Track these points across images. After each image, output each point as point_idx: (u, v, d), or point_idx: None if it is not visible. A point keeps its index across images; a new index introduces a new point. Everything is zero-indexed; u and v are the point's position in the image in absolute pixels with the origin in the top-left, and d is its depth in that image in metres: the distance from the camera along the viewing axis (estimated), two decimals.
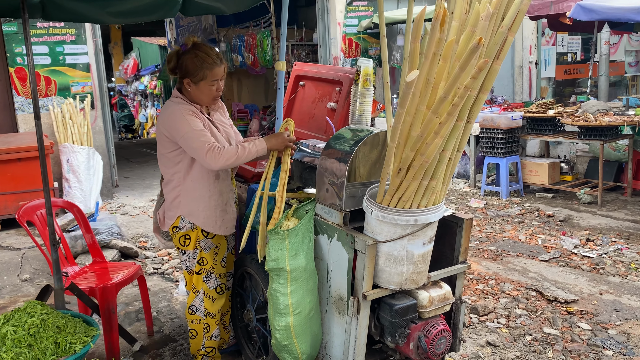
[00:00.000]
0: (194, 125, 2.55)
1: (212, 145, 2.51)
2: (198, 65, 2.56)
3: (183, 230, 2.74)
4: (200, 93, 2.63)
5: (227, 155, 2.52)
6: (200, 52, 2.58)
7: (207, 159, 2.51)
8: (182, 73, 2.62)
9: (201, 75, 2.58)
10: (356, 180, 2.49)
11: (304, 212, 2.63)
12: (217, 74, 2.61)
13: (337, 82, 3.54)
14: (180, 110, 2.58)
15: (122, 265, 3.48)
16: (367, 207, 2.31)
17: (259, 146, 2.60)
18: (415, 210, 2.25)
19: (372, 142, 2.50)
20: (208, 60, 2.58)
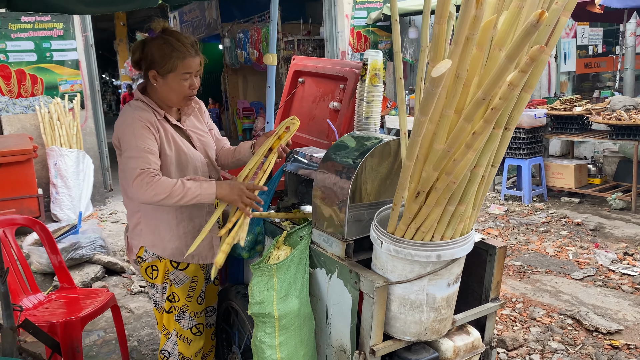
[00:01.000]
0: (140, 142, 2.04)
1: (146, 171, 1.98)
2: (167, 53, 2.06)
3: (148, 261, 2.26)
4: (169, 89, 2.13)
5: (158, 189, 1.96)
6: (171, 38, 2.09)
7: (134, 186, 1.97)
8: (147, 64, 2.13)
9: (170, 65, 2.07)
10: (362, 201, 1.99)
11: (297, 239, 2.13)
12: (191, 65, 2.12)
13: (341, 78, 3.04)
14: (133, 119, 2.09)
15: (93, 293, 3.01)
16: (376, 238, 1.81)
17: (204, 190, 2.01)
18: (438, 243, 1.75)
19: (381, 154, 1.99)
20: (180, 48, 2.07)
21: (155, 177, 1.99)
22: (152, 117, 2.13)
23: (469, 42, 1.35)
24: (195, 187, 2.01)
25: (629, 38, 9.75)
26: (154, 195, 1.96)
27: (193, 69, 2.13)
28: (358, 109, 2.69)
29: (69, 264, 4.35)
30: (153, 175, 1.99)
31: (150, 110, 2.15)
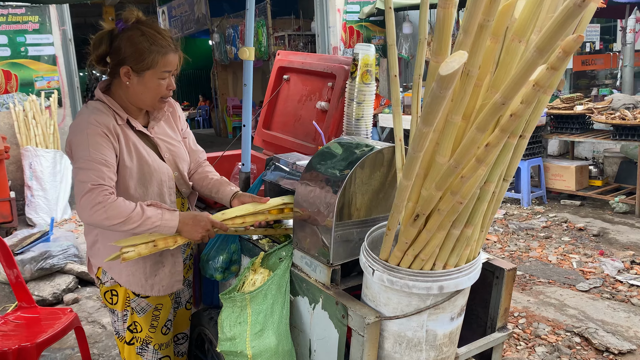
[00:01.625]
0: (93, 152, 1.73)
1: (98, 188, 1.68)
2: (145, 47, 1.77)
3: (106, 284, 1.97)
4: (144, 89, 1.83)
5: (111, 213, 1.67)
6: (150, 30, 1.80)
7: (82, 204, 1.68)
8: (117, 59, 1.81)
9: (149, 61, 1.78)
10: (351, 218, 1.71)
11: (276, 260, 1.85)
12: (172, 62, 1.83)
13: (329, 75, 2.75)
14: (87, 123, 1.78)
15: (54, 314, 2.71)
16: (367, 265, 1.53)
17: (165, 222, 1.74)
18: (440, 272, 1.47)
19: (373, 163, 1.71)
20: (160, 42, 1.79)
21: (109, 196, 1.69)
22: (110, 122, 1.82)
23: (482, 30, 1.07)
24: (156, 216, 1.73)
25: (628, 34, 9.53)
26: (105, 218, 1.67)
27: (173, 66, 1.84)
28: (347, 109, 2.41)
29: (38, 275, 4.05)
30: (107, 194, 1.69)
31: (110, 114, 1.84)
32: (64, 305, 3.89)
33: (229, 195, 2.02)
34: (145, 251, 1.75)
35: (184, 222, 1.78)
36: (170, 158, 1.97)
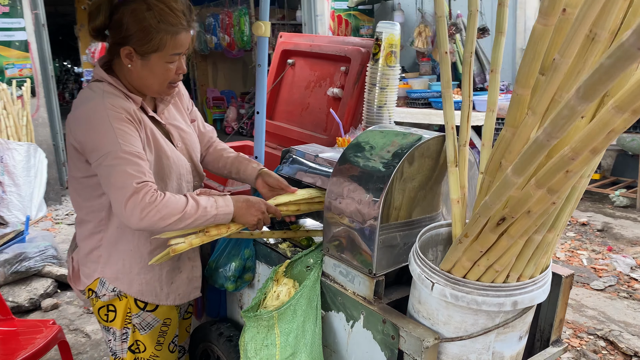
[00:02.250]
0: (124, 144, 1.45)
1: (144, 187, 1.42)
2: (152, 25, 1.46)
3: (103, 298, 1.68)
4: (150, 74, 1.55)
5: (165, 211, 1.43)
6: (158, 3, 1.48)
7: (127, 210, 1.41)
8: (118, 36, 1.51)
9: (156, 42, 1.48)
10: (397, 219, 1.46)
11: (302, 269, 1.59)
12: (183, 43, 1.53)
13: (342, 58, 2.50)
14: (105, 109, 1.47)
15: (34, 327, 2.40)
16: (424, 277, 1.28)
17: (221, 210, 1.53)
18: (514, 285, 1.23)
19: (421, 156, 1.46)
20: (171, 19, 1.48)
21: (156, 193, 1.44)
22: (130, 106, 1.54)
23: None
24: (211, 205, 1.51)
25: None
26: (159, 219, 1.42)
27: (184, 47, 1.54)
28: (369, 95, 2.15)
29: (12, 279, 3.70)
30: (153, 191, 1.43)
31: (122, 96, 1.56)
32: (41, 312, 3.56)
33: (253, 175, 1.80)
34: (197, 241, 1.54)
35: (239, 207, 1.56)
36: (183, 147, 1.71)
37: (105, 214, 1.62)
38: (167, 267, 1.69)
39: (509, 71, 10.28)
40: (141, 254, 1.66)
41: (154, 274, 1.67)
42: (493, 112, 1.47)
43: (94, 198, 1.61)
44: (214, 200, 1.53)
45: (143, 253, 1.66)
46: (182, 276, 1.73)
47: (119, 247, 1.64)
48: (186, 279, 1.74)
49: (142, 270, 1.66)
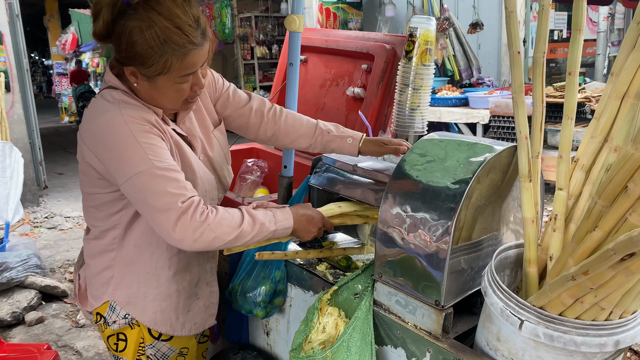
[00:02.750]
0: (156, 160, 1.25)
1: (191, 205, 1.24)
2: (155, 47, 1.23)
3: (113, 326, 1.48)
4: (160, 95, 1.34)
5: (219, 230, 1.25)
6: (162, 20, 1.22)
7: (177, 233, 1.23)
8: (119, 54, 1.29)
9: (161, 65, 1.25)
10: (464, 241, 1.28)
11: (350, 296, 1.41)
12: (196, 62, 1.29)
13: (363, 55, 2.31)
14: (125, 123, 1.26)
15: (27, 353, 2.15)
16: (507, 312, 1.11)
17: (280, 224, 1.37)
18: (617, 323, 1.07)
19: (493, 170, 1.29)
20: (177, 39, 1.23)
21: (207, 210, 1.27)
22: (150, 116, 1.32)
23: None
24: (269, 220, 1.35)
25: (601, 22, 9.52)
26: (213, 239, 1.25)
27: (198, 65, 1.31)
28: (400, 97, 1.97)
29: None
30: (203, 208, 1.26)
31: (140, 104, 1.34)
32: (25, 327, 3.30)
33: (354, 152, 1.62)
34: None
35: (299, 221, 1.42)
36: (206, 160, 1.49)
37: (121, 231, 1.42)
38: (184, 293, 1.50)
39: (494, 67, 10.25)
40: (158, 277, 1.46)
41: (170, 302, 1.48)
42: (571, 120, 1.30)
43: (109, 215, 1.42)
44: (272, 215, 1.36)
45: (161, 277, 1.46)
46: (199, 303, 1.54)
47: (134, 268, 1.45)
48: (203, 306, 1.55)
49: (158, 296, 1.46)
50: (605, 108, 1.24)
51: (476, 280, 1.34)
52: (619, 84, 1.21)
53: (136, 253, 1.43)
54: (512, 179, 1.36)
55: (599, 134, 1.25)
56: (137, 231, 1.40)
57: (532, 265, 1.25)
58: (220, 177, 1.55)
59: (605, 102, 1.25)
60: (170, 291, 1.46)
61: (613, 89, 1.22)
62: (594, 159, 1.26)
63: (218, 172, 1.53)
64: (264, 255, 1.49)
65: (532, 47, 10.86)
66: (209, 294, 1.56)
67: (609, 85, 1.25)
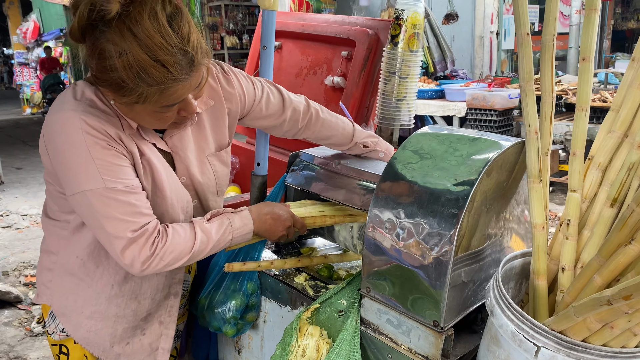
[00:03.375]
0: (110, 178, 1.08)
1: (142, 235, 1.10)
2: (126, 79, 1.02)
3: (54, 336, 1.32)
4: (137, 118, 1.14)
5: (170, 258, 1.14)
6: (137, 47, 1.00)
7: (125, 260, 1.11)
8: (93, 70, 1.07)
9: (135, 97, 1.05)
10: (464, 251, 1.11)
11: (333, 314, 1.23)
12: (181, 93, 1.09)
13: (343, 41, 2.12)
14: (81, 132, 1.07)
15: None
16: (520, 336, 0.95)
17: (237, 233, 1.25)
18: None
19: (498, 168, 1.12)
20: (155, 73, 1.02)
21: (158, 239, 1.13)
22: (110, 128, 1.11)
23: None
24: (225, 230, 1.22)
25: (574, 15, 9.54)
26: (164, 266, 1.15)
27: (185, 95, 1.10)
28: (385, 87, 1.80)
29: None
30: (154, 238, 1.13)
31: (113, 114, 1.13)
32: None
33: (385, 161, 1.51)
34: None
35: (262, 222, 1.30)
36: (189, 184, 1.29)
37: (69, 233, 1.24)
38: (125, 322, 1.29)
39: (468, 59, 10.21)
40: (98, 295, 1.27)
41: (107, 325, 1.28)
42: (586, 112, 1.15)
43: (60, 212, 1.24)
44: (229, 223, 1.24)
45: (101, 295, 1.27)
46: (144, 341, 1.32)
47: (74, 278, 1.27)
48: (148, 346, 1.33)
49: (95, 315, 1.28)
50: (625, 98, 1.09)
51: (478, 294, 1.17)
52: None
53: (78, 263, 1.24)
54: (517, 179, 1.20)
55: (619, 128, 1.10)
56: (85, 239, 1.21)
57: (541, 277, 1.09)
58: (204, 205, 1.35)
59: (625, 91, 1.09)
60: (109, 313, 1.27)
61: (635, 76, 1.07)
62: (612, 156, 1.11)
63: (201, 199, 1.33)
64: (234, 267, 1.30)
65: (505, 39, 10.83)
66: (159, 336, 1.34)
67: (630, 71, 1.09)
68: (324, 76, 2.17)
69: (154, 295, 1.29)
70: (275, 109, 1.40)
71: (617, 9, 12.55)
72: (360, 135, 1.50)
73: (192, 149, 1.27)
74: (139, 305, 1.28)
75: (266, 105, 1.39)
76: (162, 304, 1.32)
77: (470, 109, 5.65)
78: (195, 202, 1.31)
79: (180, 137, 1.25)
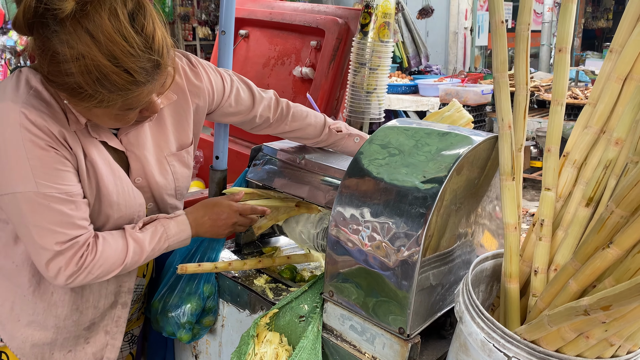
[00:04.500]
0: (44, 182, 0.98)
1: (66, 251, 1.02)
2: (85, 83, 0.92)
3: None
4: (94, 118, 1.04)
5: (98, 271, 1.06)
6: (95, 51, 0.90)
7: (50, 272, 1.04)
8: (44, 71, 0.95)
9: (97, 101, 0.95)
10: (432, 252, 1.04)
11: (293, 319, 1.15)
12: (144, 97, 0.99)
13: (312, 30, 2.04)
14: (20, 126, 0.96)
15: None
16: (490, 345, 0.89)
17: (173, 240, 1.17)
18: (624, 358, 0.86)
19: (469, 165, 1.05)
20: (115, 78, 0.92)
21: (86, 253, 1.04)
22: (59, 127, 1.00)
23: None
24: (159, 238, 1.14)
25: (546, 13, 9.63)
26: (93, 279, 1.07)
27: (148, 98, 1.00)
28: (355, 78, 1.73)
29: None
30: (83, 252, 1.04)
31: (58, 108, 1.02)
32: None
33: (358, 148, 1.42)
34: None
35: (199, 224, 1.21)
36: (145, 185, 1.18)
37: (6, 237, 1.13)
38: (65, 332, 1.19)
39: (442, 55, 10.22)
40: (35, 305, 1.18)
41: (45, 335, 1.18)
42: (561, 106, 1.09)
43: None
44: (164, 230, 1.15)
45: (38, 305, 1.18)
46: (87, 350, 1.23)
47: (10, 285, 1.16)
48: (92, 355, 1.23)
49: (32, 325, 1.17)
50: (602, 92, 1.03)
51: (447, 298, 1.11)
52: (620, 62, 1.00)
53: (14, 270, 1.14)
54: (489, 176, 1.14)
55: (595, 123, 1.04)
56: (22, 245, 1.10)
57: (512, 280, 1.03)
58: (161, 208, 1.25)
59: (602, 84, 1.04)
60: (47, 324, 1.17)
61: (613, 69, 1.01)
62: (588, 153, 1.06)
63: (158, 202, 1.23)
64: (188, 268, 1.21)
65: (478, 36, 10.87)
66: (105, 346, 1.24)
67: (607, 63, 1.04)
68: (292, 67, 2.08)
69: (97, 303, 1.19)
70: (246, 105, 1.32)
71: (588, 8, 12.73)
72: (332, 121, 1.44)
73: (149, 147, 1.17)
74: (81, 315, 1.18)
75: (236, 100, 1.30)
76: (107, 313, 1.22)
77: (443, 105, 5.62)
78: (150, 205, 1.21)
79: (136, 134, 1.15)
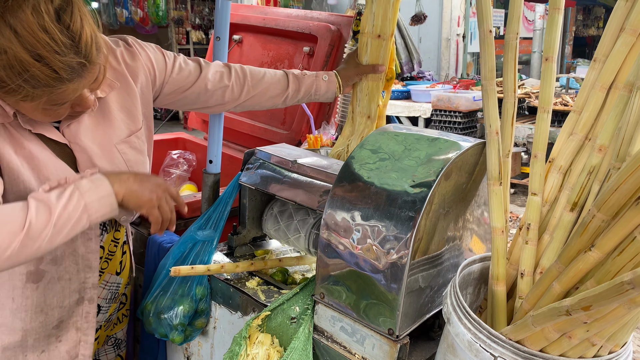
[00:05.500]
0: None
1: None
2: (8, 78, 0.92)
3: None
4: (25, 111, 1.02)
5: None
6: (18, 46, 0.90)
7: None
8: None
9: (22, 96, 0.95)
10: (421, 255, 1.07)
11: (285, 321, 1.16)
12: (70, 94, 0.99)
13: (305, 37, 2.06)
14: None
15: None
16: (477, 345, 0.91)
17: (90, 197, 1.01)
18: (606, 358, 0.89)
19: (458, 170, 1.08)
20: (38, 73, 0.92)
21: None
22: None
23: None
24: (72, 197, 0.99)
25: (537, 21, 9.73)
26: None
27: (76, 94, 1.00)
28: None
29: None
30: None
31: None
32: None
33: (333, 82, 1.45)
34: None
35: (121, 181, 1.06)
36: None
37: None
38: (34, 334, 1.18)
39: (435, 61, 10.29)
40: (2, 307, 1.16)
41: (15, 339, 1.16)
42: (548, 113, 1.12)
43: None
44: (74, 187, 1.01)
45: (5, 307, 1.16)
46: (60, 348, 1.22)
47: None
48: (66, 353, 1.23)
49: (1, 328, 1.15)
50: (587, 100, 1.06)
51: (435, 300, 1.13)
52: (604, 72, 1.03)
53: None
54: (477, 181, 1.17)
55: (580, 130, 1.07)
56: None
57: (499, 283, 1.06)
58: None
59: (587, 93, 1.07)
60: (15, 327, 1.15)
61: (597, 78, 1.04)
62: (573, 159, 1.09)
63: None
64: (180, 271, 1.22)
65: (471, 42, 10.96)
66: (78, 343, 1.24)
67: (591, 72, 1.07)
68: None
69: (61, 302, 1.19)
70: (193, 72, 1.31)
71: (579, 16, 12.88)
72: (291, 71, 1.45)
73: (95, 138, 1.15)
74: (46, 317, 1.18)
75: (180, 69, 1.30)
76: (75, 310, 1.22)
77: (435, 110, 5.67)
78: None
79: (78, 125, 1.13)
